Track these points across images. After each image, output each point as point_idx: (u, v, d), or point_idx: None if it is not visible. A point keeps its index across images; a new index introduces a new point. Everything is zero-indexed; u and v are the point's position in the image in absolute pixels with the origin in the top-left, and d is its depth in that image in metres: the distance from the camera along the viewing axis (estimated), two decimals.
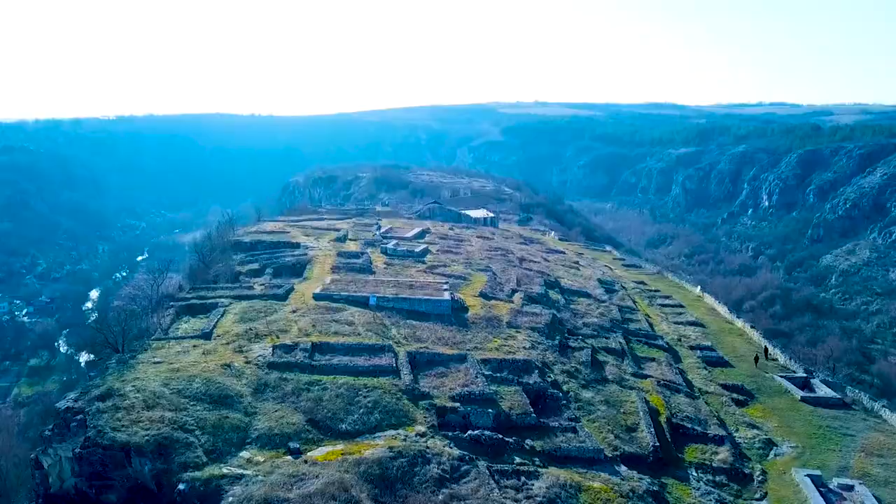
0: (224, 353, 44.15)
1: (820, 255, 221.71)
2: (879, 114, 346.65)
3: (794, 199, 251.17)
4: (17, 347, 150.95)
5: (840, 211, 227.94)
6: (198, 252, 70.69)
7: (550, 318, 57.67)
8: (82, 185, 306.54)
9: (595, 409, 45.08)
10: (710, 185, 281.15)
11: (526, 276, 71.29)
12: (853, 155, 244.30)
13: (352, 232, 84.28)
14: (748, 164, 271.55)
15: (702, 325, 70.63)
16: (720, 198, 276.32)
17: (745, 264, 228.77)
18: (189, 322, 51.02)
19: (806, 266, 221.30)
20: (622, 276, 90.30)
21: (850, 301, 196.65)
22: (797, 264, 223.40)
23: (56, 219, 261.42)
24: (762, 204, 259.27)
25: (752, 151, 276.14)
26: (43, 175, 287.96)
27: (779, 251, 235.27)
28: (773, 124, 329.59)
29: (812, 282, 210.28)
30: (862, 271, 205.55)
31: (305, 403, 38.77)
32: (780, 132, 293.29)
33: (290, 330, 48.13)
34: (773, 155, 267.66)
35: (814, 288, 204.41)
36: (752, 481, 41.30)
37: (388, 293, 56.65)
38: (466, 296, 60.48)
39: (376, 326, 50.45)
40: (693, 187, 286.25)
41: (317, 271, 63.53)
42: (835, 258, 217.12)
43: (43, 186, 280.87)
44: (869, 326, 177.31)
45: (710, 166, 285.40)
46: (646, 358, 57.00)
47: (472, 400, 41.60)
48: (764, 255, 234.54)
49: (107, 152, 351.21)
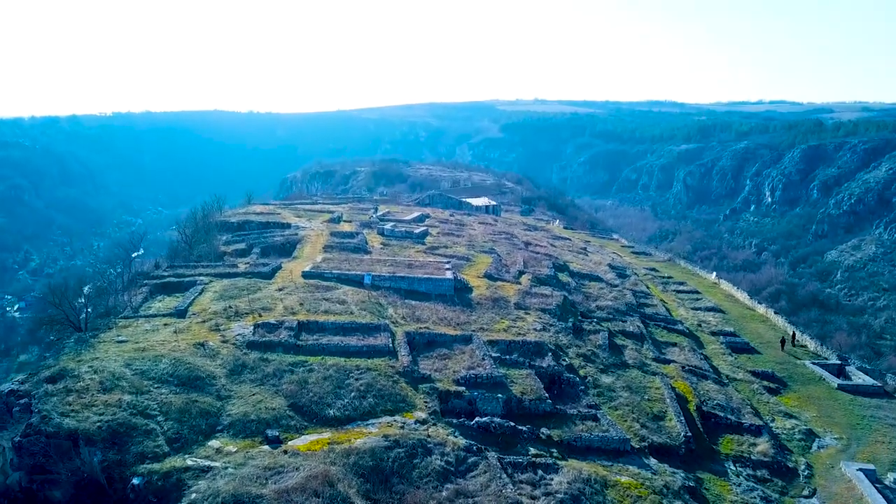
0: (198, 331, 38.76)
1: (824, 250, 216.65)
2: (881, 111, 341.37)
3: (797, 195, 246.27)
4: (6, 343, 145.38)
5: (845, 206, 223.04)
6: (180, 231, 65.44)
7: (562, 300, 52.34)
8: (78, 182, 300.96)
9: (616, 395, 39.74)
10: (712, 182, 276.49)
11: (533, 258, 65.95)
12: (857, 150, 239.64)
13: (347, 214, 78.94)
14: (750, 160, 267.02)
15: (721, 311, 65.28)
16: (722, 194, 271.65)
17: (748, 260, 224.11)
18: (163, 301, 45.59)
19: (810, 262, 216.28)
20: (632, 262, 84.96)
21: (857, 297, 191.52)
22: (801, 260, 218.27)
23: (50, 215, 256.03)
24: (765, 200, 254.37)
25: (755, 147, 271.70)
26: (38, 171, 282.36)
27: (782, 247, 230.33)
28: (774, 121, 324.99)
29: (817, 277, 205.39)
30: (868, 267, 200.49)
31: (288, 386, 33.39)
32: (783, 128, 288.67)
33: (274, 308, 42.74)
34: (775, 151, 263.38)
35: (819, 283, 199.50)
36: (797, 476, 35.98)
37: (385, 272, 51.32)
38: (470, 276, 55.16)
39: (371, 306, 45.11)
40: (694, 184, 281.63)
41: (307, 250, 58.13)
42: (840, 254, 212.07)
43: (38, 182, 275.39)
44: (878, 322, 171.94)
45: (712, 162, 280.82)
46: (666, 343, 51.69)
47: (478, 383, 36.26)
48: (767, 251, 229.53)
49: (104, 149, 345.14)
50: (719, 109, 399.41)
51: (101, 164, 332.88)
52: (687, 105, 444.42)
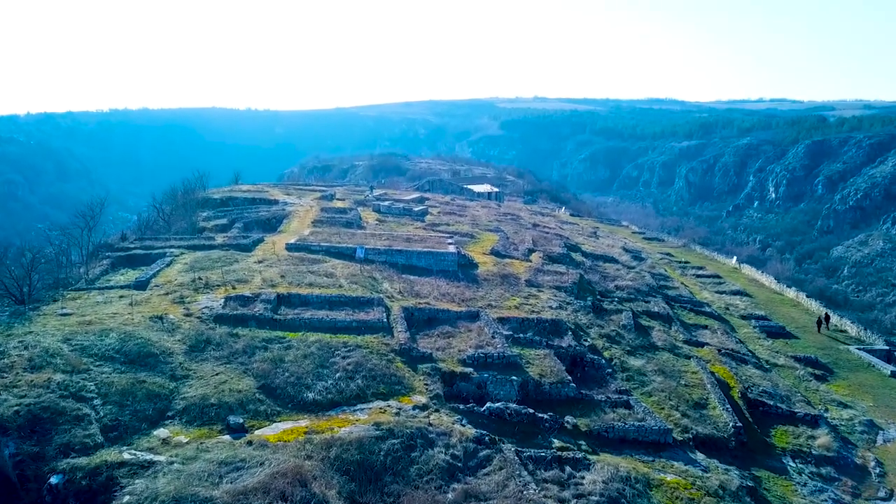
0: (158, 304, 32.68)
1: (830, 246, 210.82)
2: (883, 108, 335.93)
3: (801, 191, 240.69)
4: None
5: (851, 202, 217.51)
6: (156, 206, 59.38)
7: (578, 278, 46.29)
8: (74, 178, 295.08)
9: (648, 379, 33.69)
10: (715, 178, 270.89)
11: (543, 237, 59.91)
12: (863, 145, 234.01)
13: (341, 193, 72.84)
14: (753, 156, 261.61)
15: (748, 295, 59.25)
16: (725, 190, 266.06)
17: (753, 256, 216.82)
18: (126, 274, 39.46)
19: (816, 257, 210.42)
20: (645, 247, 78.95)
21: (865, 293, 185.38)
22: (807, 256, 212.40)
23: (45, 210, 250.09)
24: (769, 196, 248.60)
25: (758, 143, 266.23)
26: (33, 167, 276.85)
27: (787, 243, 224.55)
28: (776, 118, 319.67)
29: (824, 273, 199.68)
30: (876, 262, 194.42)
31: (260, 365, 27.31)
32: (786, 124, 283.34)
33: (251, 280, 36.64)
34: (779, 146, 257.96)
35: (826, 279, 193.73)
36: (868, 474, 29.93)
37: (381, 245, 45.25)
38: (475, 253, 49.10)
39: (364, 279, 39.02)
40: (696, 180, 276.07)
41: (295, 225, 52.03)
42: (846, 249, 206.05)
43: (33, 178, 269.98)
44: (888, 318, 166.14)
45: (714, 159, 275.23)
46: (695, 325, 45.63)
47: (489, 364, 30.21)
48: (772, 247, 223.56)
49: (100, 145, 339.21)
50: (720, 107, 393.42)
51: (97, 160, 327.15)
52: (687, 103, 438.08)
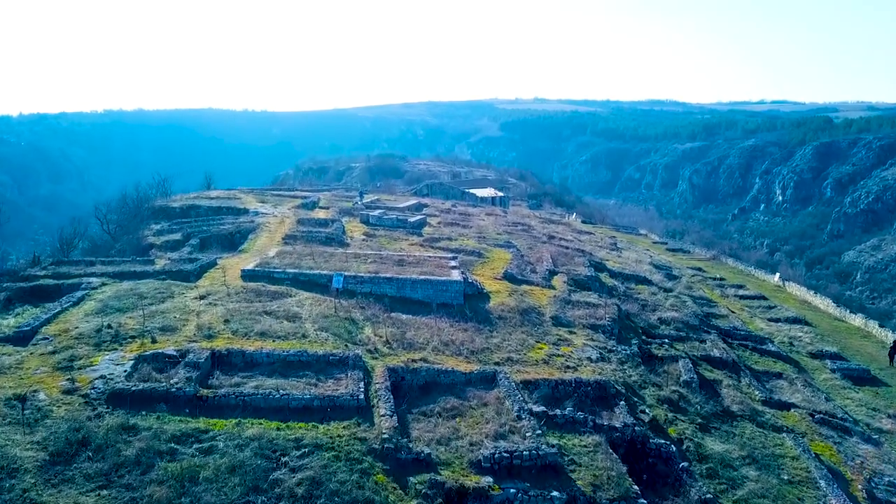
0: (31, 371, 22.17)
1: (842, 251, 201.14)
2: (887, 110, 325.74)
3: (809, 193, 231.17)
4: None
5: (862, 205, 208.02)
6: (100, 218, 49.03)
7: (616, 312, 35.89)
8: (66, 179, 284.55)
9: (739, 475, 23.25)
10: (719, 180, 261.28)
11: (563, 254, 49.45)
12: (873, 146, 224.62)
13: (326, 201, 62.36)
14: (759, 157, 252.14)
15: (808, 324, 48.82)
16: (730, 193, 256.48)
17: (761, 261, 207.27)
18: (21, 315, 28.89)
19: (827, 262, 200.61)
20: (671, 261, 68.57)
21: (880, 300, 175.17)
22: (817, 261, 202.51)
23: (32, 212, 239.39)
24: (775, 198, 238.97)
25: (763, 145, 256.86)
26: (23, 168, 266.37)
27: (796, 247, 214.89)
28: (780, 119, 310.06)
29: (836, 279, 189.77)
30: (890, 268, 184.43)
31: (157, 491, 16.86)
32: (791, 125, 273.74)
33: (181, 328, 26.14)
34: (785, 148, 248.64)
35: (839, 286, 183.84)
36: None
37: (365, 271, 34.77)
38: (484, 278, 38.67)
39: (338, 323, 28.54)
40: (701, 182, 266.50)
41: (262, 241, 41.55)
42: (859, 254, 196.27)
43: (22, 180, 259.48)
44: None
45: (719, 161, 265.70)
46: (766, 373, 35.20)
47: (516, 468, 19.79)
48: (781, 252, 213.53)
49: (94, 147, 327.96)
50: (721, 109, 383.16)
51: (90, 161, 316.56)
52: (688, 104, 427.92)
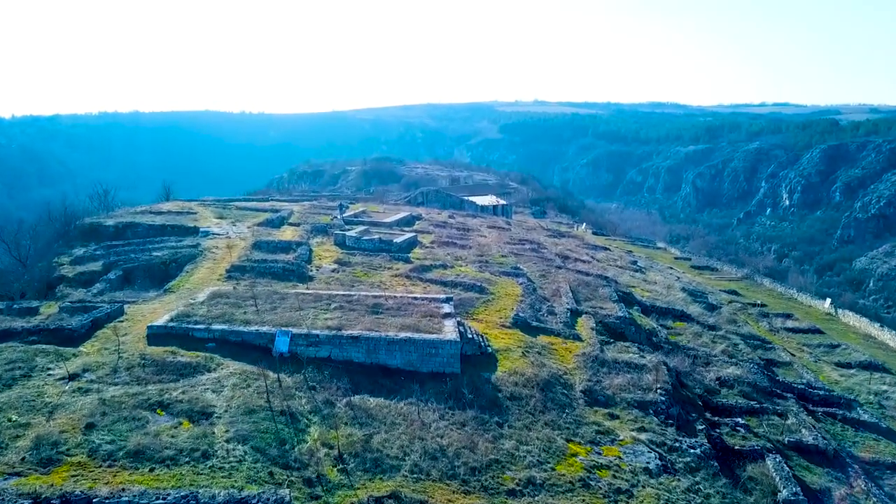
0: None
1: (853, 257, 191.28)
2: (890, 112, 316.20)
3: (818, 198, 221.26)
4: None
5: (873, 209, 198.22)
6: (5, 241, 39.44)
7: (667, 378, 26.01)
8: (58, 182, 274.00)
9: None
10: (724, 184, 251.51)
11: (583, 283, 39.58)
12: (883, 149, 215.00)
13: (300, 215, 52.48)
14: (764, 160, 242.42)
15: (886, 370, 39.01)
16: (735, 197, 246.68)
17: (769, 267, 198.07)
18: None
19: (838, 269, 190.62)
20: (700, 281, 58.68)
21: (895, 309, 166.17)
22: (828, 267, 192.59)
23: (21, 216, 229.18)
24: (782, 203, 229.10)
25: (768, 148, 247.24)
26: (13, 170, 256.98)
27: (805, 253, 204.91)
28: (784, 121, 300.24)
29: (847, 287, 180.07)
30: None
31: None
32: (797, 127, 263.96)
33: (10, 442, 16.33)
34: (791, 151, 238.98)
35: (852, 293, 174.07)
36: None
37: (324, 325, 24.84)
38: (489, 326, 28.81)
39: (268, 422, 18.69)
40: (704, 186, 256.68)
41: (199, 276, 31.79)
42: (871, 261, 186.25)
43: (12, 183, 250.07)
44: None
45: (723, 164, 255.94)
46: (873, 464, 25.37)
47: None
48: (789, 258, 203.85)
49: (88, 148, 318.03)
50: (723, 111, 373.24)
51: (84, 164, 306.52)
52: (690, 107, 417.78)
